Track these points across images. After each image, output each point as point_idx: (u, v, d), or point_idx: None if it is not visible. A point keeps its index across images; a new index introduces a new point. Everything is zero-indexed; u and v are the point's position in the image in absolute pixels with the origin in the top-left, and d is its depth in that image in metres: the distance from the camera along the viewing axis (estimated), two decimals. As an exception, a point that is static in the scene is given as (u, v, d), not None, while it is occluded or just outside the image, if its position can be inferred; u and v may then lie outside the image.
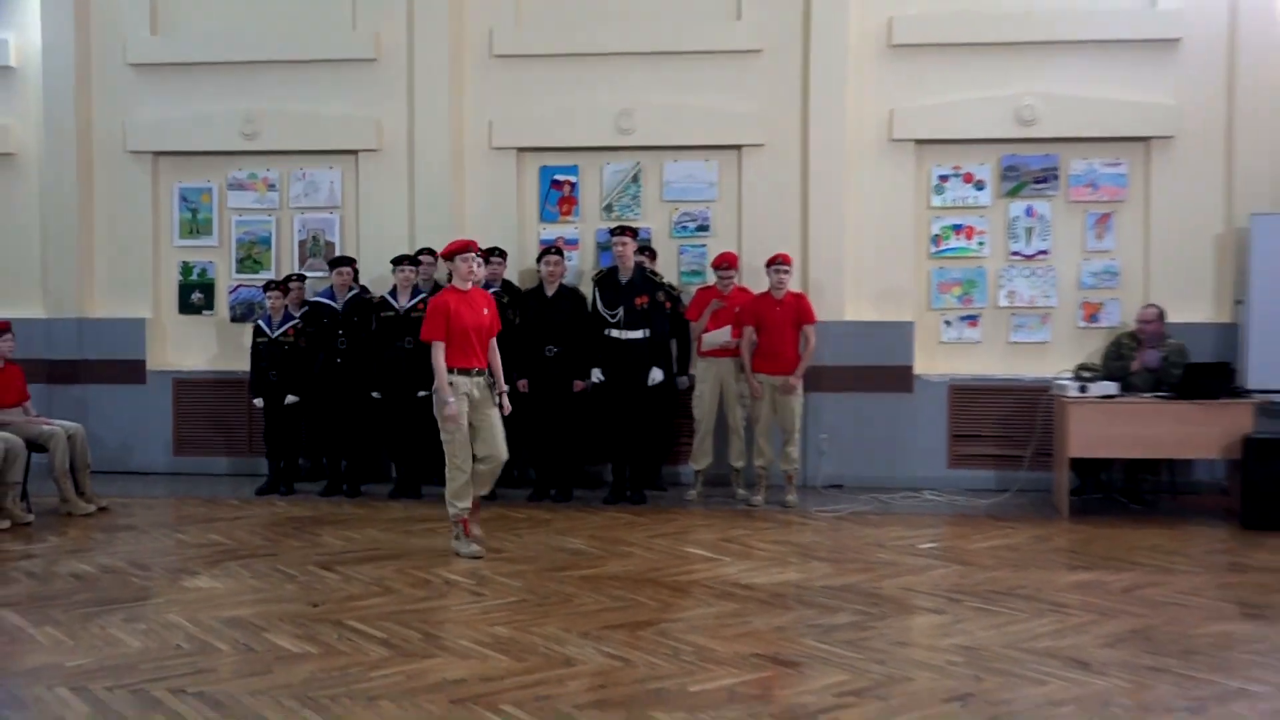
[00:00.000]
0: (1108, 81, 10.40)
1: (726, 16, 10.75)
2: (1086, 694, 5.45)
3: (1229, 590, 7.27)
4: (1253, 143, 10.23)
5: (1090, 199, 10.56)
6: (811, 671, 5.75)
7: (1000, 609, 6.83)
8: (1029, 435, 10.22)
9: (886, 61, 10.61)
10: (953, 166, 10.65)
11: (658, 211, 10.90)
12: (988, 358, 10.66)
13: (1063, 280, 10.58)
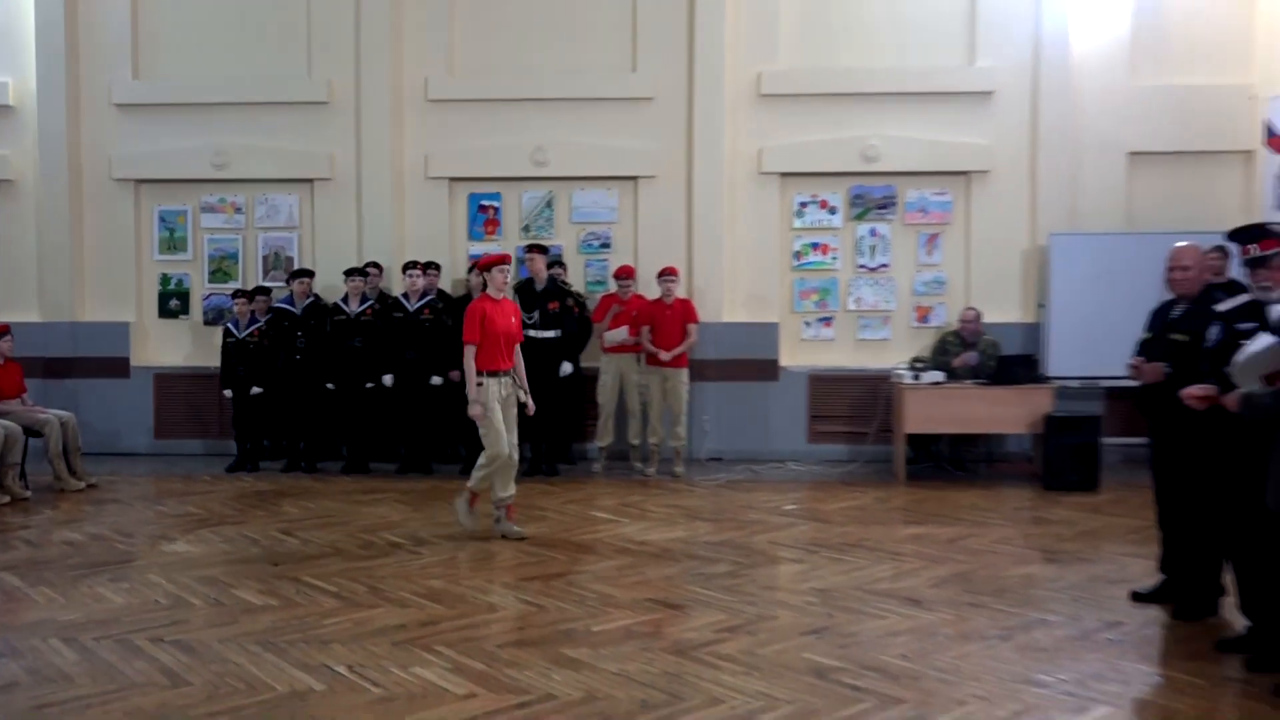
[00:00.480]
0: (936, 126, 10.55)
1: (625, 70, 10.71)
2: (918, 625, 5.53)
3: (1033, 540, 7.42)
4: (1051, 176, 10.44)
5: (922, 222, 10.70)
6: (695, 612, 5.76)
7: (849, 558, 6.90)
8: (873, 415, 10.34)
9: (757, 108, 10.65)
10: (811, 195, 10.72)
11: (568, 231, 10.83)
12: (839, 352, 10.76)
13: (900, 288, 10.71)
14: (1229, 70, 10.44)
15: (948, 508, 8.42)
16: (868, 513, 8.28)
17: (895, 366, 10.13)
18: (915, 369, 9.84)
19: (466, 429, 9.90)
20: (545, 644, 5.24)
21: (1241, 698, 4.54)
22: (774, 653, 5.13)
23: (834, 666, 4.95)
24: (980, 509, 8.38)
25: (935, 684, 4.76)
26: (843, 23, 10.60)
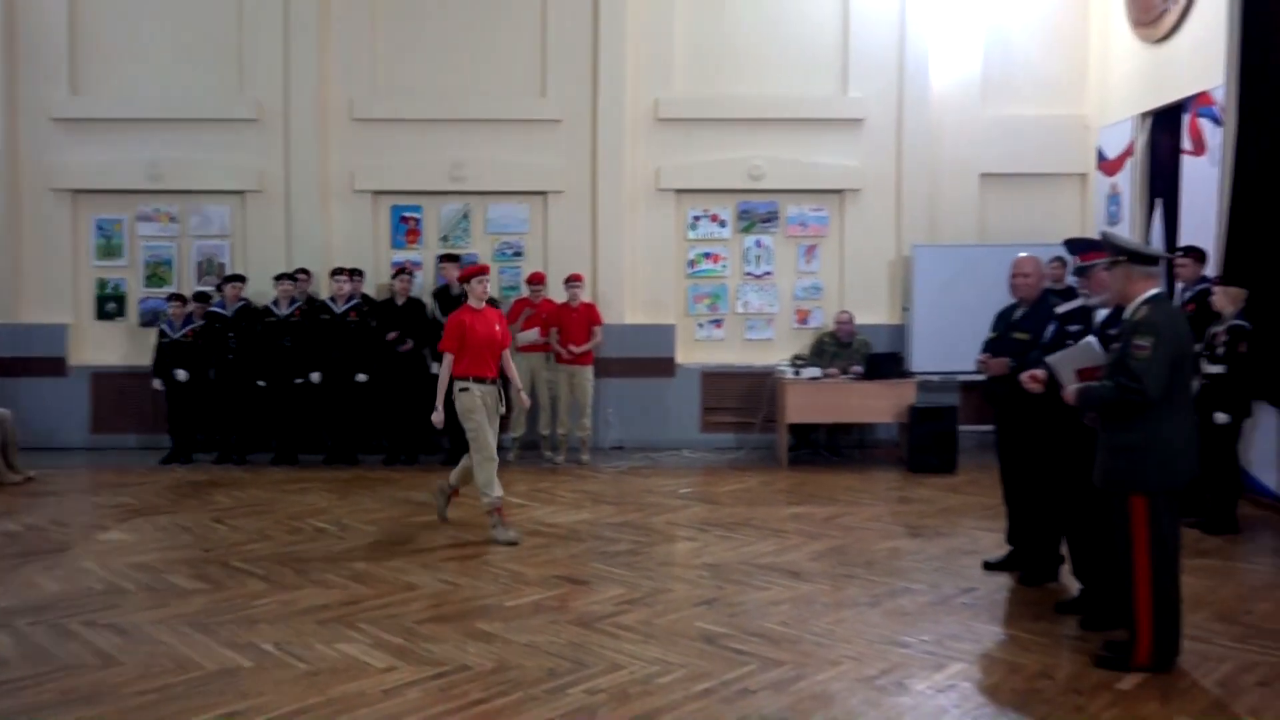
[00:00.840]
0: (813, 148, 10.66)
1: (535, 93, 10.61)
2: (798, 595, 5.58)
3: (899, 517, 7.56)
4: (913, 194, 10.64)
5: (801, 235, 10.81)
6: (598, 587, 5.73)
7: (737, 535, 6.94)
8: (759, 407, 10.42)
9: (655, 130, 10.64)
10: (703, 210, 10.75)
11: (483, 241, 10.69)
12: (729, 351, 10.81)
13: (782, 293, 10.81)
14: (1066, 102, 10.77)
15: (825, 489, 8.52)
16: (754, 495, 8.33)
17: (778, 363, 10.23)
18: (796, 366, 9.95)
19: (391, 422, 9.73)
20: (461, 619, 5.15)
21: (1076, 652, 4.68)
22: (669, 622, 5.12)
23: (722, 633, 4.96)
24: (853, 490, 8.50)
25: (812, 647, 4.80)
26: (731, 55, 10.65)
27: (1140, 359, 4.31)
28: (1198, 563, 6.21)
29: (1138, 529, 4.39)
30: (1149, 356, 4.30)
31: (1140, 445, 4.37)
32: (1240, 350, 6.87)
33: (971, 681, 4.40)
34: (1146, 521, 4.38)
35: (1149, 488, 4.38)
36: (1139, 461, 4.37)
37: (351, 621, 5.12)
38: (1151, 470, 4.37)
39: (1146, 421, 4.36)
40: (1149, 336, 4.32)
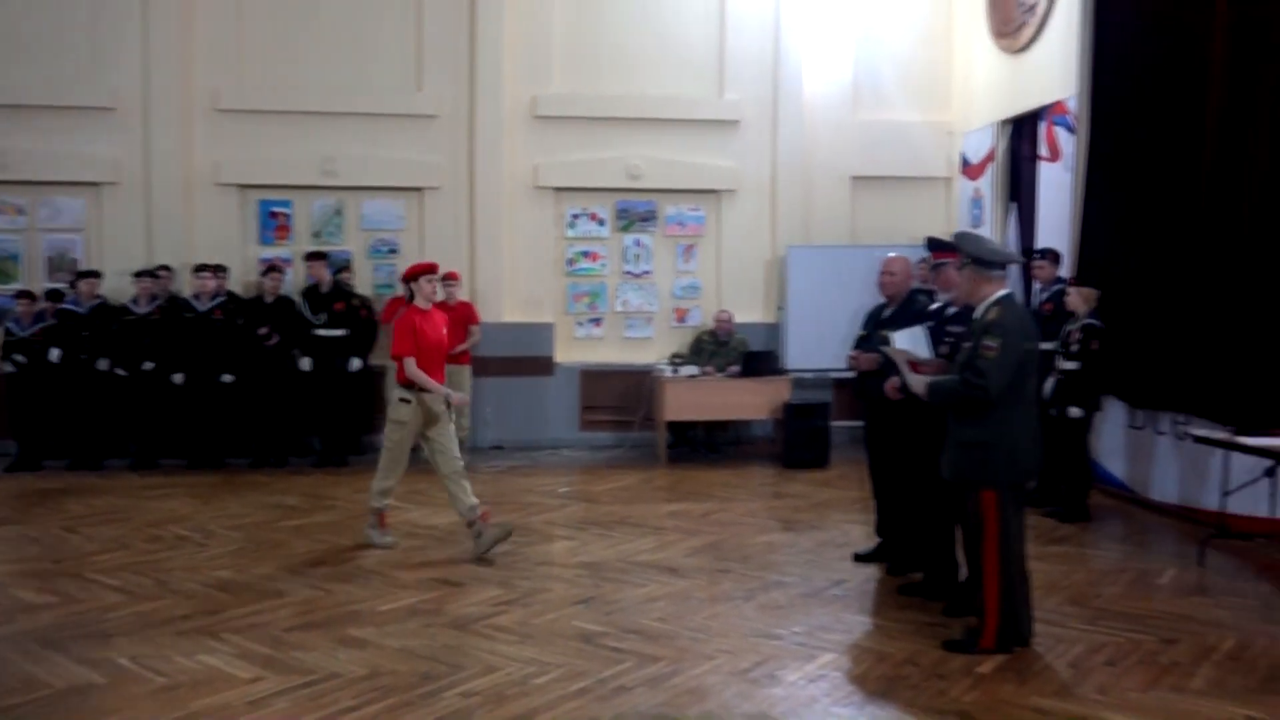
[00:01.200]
0: (691, 149, 10.78)
1: (411, 88, 10.43)
2: (675, 591, 5.64)
3: (773, 512, 7.70)
4: (788, 196, 10.86)
5: (680, 234, 10.92)
6: (475, 589, 5.67)
7: (615, 534, 6.96)
8: (638, 405, 10.48)
9: (533, 128, 10.58)
10: (582, 208, 10.75)
11: (358, 237, 10.45)
12: (608, 349, 10.83)
13: (661, 292, 10.89)
14: (932, 109, 11.17)
15: (702, 486, 8.62)
16: (632, 492, 8.37)
17: (657, 362, 10.32)
18: (674, 364, 10.05)
19: (257, 424, 9.41)
20: (331, 626, 5.03)
21: (939, 637, 4.86)
22: (546, 622, 5.11)
23: (599, 632, 4.97)
24: (730, 486, 8.62)
25: (688, 642, 4.86)
26: (610, 54, 10.68)
27: (988, 358, 4.51)
28: (1052, 550, 6.53)
29: (987, 521, 4.61)
30: (996, 357, 4.51)
31: (988, 442, 4.57)
32: (1093, 348, 7.25)
33: (841, 671, 4.52)
34: (995, 514, 4.60)
35: (996, 482, 4.59)
36: (986, 457, 4.58)
37: (214, 631, 4.94)
38: (998, 466, 4.59)
39: (993, 419, 4.57)
40: (998, 338, 4.54)
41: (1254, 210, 6.68)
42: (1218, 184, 7.03)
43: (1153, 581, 5.87)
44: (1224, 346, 6.89)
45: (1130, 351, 7.74)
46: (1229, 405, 6.78)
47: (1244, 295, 6.76)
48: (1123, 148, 8.09)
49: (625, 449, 10.37)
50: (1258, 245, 6.64)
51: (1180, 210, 7.40)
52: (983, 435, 4.58)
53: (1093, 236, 8.39)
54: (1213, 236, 7.06)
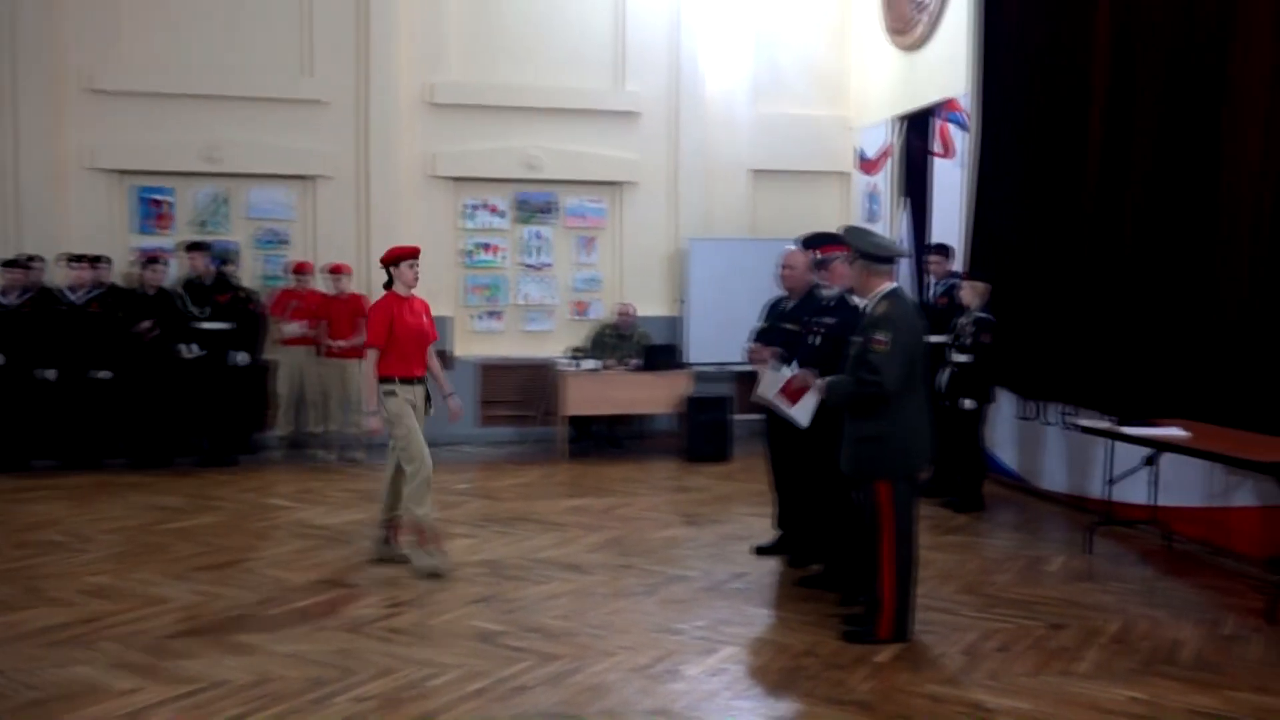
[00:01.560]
0: (591, 140, 10.73)
1: (300, 71, 10.12)
2: (577, 588, 5.61)
3: (675, 506, 7.73)
4: (688, 188, 10.90)
5: (580, 226, 10.87)
6: (369, 590, 5.54)
7: (516, 530, 6.90)
8: (538, 400, 10.41)
9: (429, 116, 10.39)
10: (480, 199, 10.61)
11: (244, 227, 10.10)
12: (508, 342, 10.73)
13: (561, 285, 10.83)
14: (830, 104, 11.34)
15: (604, 481, 8.60)
16: (533, 488, 8.31)
17: (557, 355, 10.25)
18: (575, 357, 10.00)
19: (137, 421, 9.03)
20: (216, 632, 4.85)
21: (838, 628, 4.93)
22: (443, 623, 5.02)
23: (498, 631, 4.91)
24: (632, 481, 8.62)
25: (589, 639, 4.83)
26: (508, 42, 10.55)
27: (879, 353, 4.59)
28: (948, 539, 6.71)
29: (883, 513, 4.70)
30: (887, 351, 4.59)
31: (881, 435, 4.67)
32: (984, 341, 7.45)
33: (741, 664, 4.55)
34: (890, 505, 4.69)
35: (891, 474, 4.68)
36: (881, 450, 4.68)
37: (90, 641, 4.71)
38: (893, 458, 4.68)
39: (886, 412, 4.66)
40: (887, 332, 4.62)
41: (1137, 205, 6.96)
42: (1104, 179, 7.30)
43: (1043, 568, 6.07)
44: (1108, 339, 7.17)
45: (1020, 344, 7.99)
46: (1112, 396, 7.06)
47: (1127, 289, 7.04)
48: (1012, 143, 8.34)
49: (526, 444, 10.29)
50: (1140, 240, 6.92)
51: (1067, 205, 7.67)
52: (877, 429, 4.67)
53: (984, 231, 8.64)
54: (1098, 231, 7.33)
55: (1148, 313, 6.84)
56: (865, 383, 4.60)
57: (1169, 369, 6.62)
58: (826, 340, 5.40)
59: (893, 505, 4.69)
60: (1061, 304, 7.68)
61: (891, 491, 4.69)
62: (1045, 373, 7.84)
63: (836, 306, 5.49)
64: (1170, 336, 6.62)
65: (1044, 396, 7.95)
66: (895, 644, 4.73)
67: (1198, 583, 5.82)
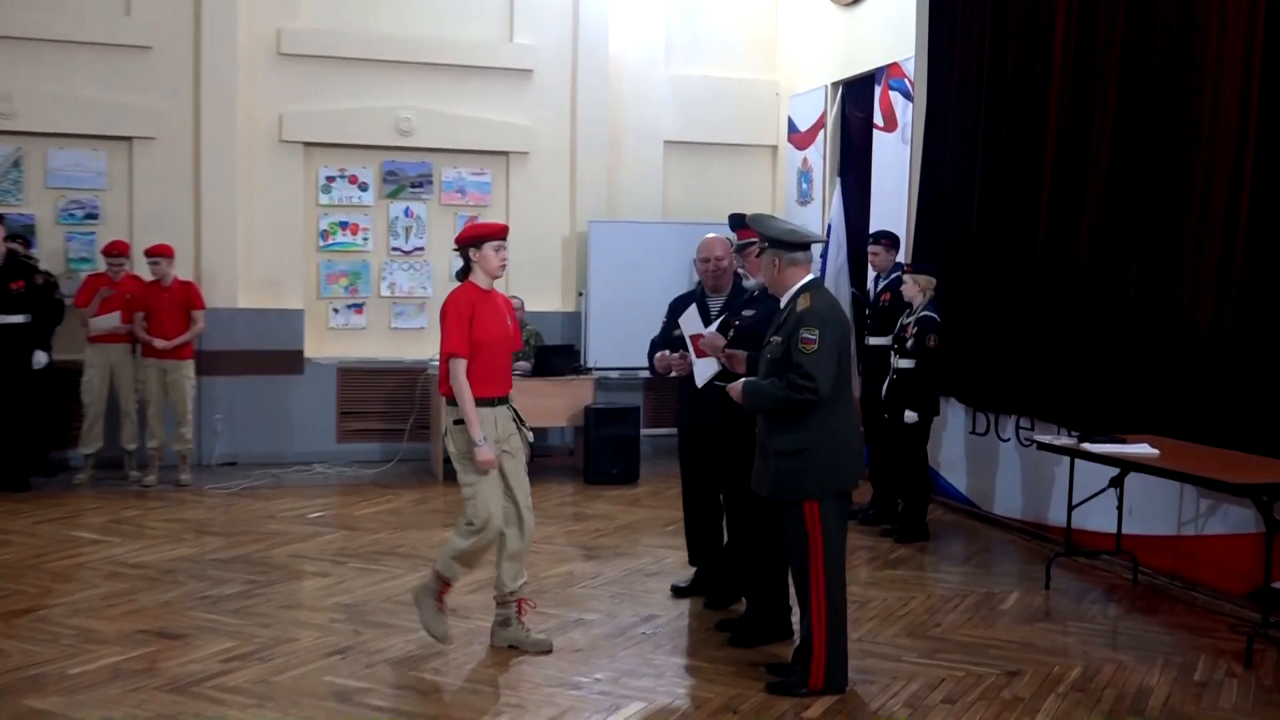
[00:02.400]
0: (474, 101, 10.68)
1: (115, 11, 9.83)
2: (457, 634, 5.54)
3: (573, 537, 7.73)
4: (590, 161, 10.94)
5: (460, 203, 10.81)
6: (199, 642, 5.41)
7: (381, 567, 6.82)
8: (410, 410, 10.31)
9: (276, 67, 10.21)
10: (339, 169, 10.47)
11: (43, 197, 9.77)
12: (372, 342, 10.61)
13: (437, 273, 10.73)
14: (757, 67, 11.51)
15: (487, 507, 8.57)
16: (403, 516, 8.23)
17: (432, 357, 10.14)
18: (453, 360, 9.92)
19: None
20: (6, 695, 4.67)
21: (762, 679, 4.99)
22: (291, 679, 4.93)
23: (359, 688, 4.85)
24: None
25: (468, 696, 4.80)
26: (374, -19, 10.48)
27: (809, 353, 4.66)
28: (888, 574, 6.85)
29: (812, 538, 4.76)
30: (818, 350, 4.65)
31: (807, 448, 4.73)
32: (929, 344, 7.62)
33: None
34: (819, 528, 4.76)
35: (819, 492, 4.76)
36: (806, 466, 4.74)
37: None
38: (819, 473, 4.75)
39: (813, 422, 4.73)
40: (815, 329, 4.68)
41: (1103, 192, 7.20)
42: (1068, 158, 7.53)
43: (996, 607, 6.24)
44: (1069, 343, 7.40)
45: (970, 348, 8.21)
46: (1074, 408, 7.30)
47: (1091, 287, 7.28)
48: (963, 116, 8.57)
49: (394, 464, 10.18)
50: (1106, 231, 7.17)
51: (1025, 189, 7.90)
52: (801, 441, 4.72)
53: (929, 217, 8.86)
54: (1060, 220, 7.57)
55: (1114, 315, 7.09)
56: (798, 388, 4.65)
57: (1137, 378, 6.87)
58: (744, 335, 5.47)
59: (822, 528, 4.75)
60: (1017, 303, 7.90)
61: (820, 512, 4.76)
62: (999, 381, 8.06)
63: (760, 298, 5.56)
64: (1139, 342, 6.88)
65: (997, 408, 8.17)
66: (828, 695, 4.80)
67: (1168, 622, 6.05)
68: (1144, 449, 6.06)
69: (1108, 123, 7.16)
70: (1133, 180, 6.99)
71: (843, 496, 4.86)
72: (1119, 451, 6.10)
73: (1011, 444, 8.05)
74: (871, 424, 8.15)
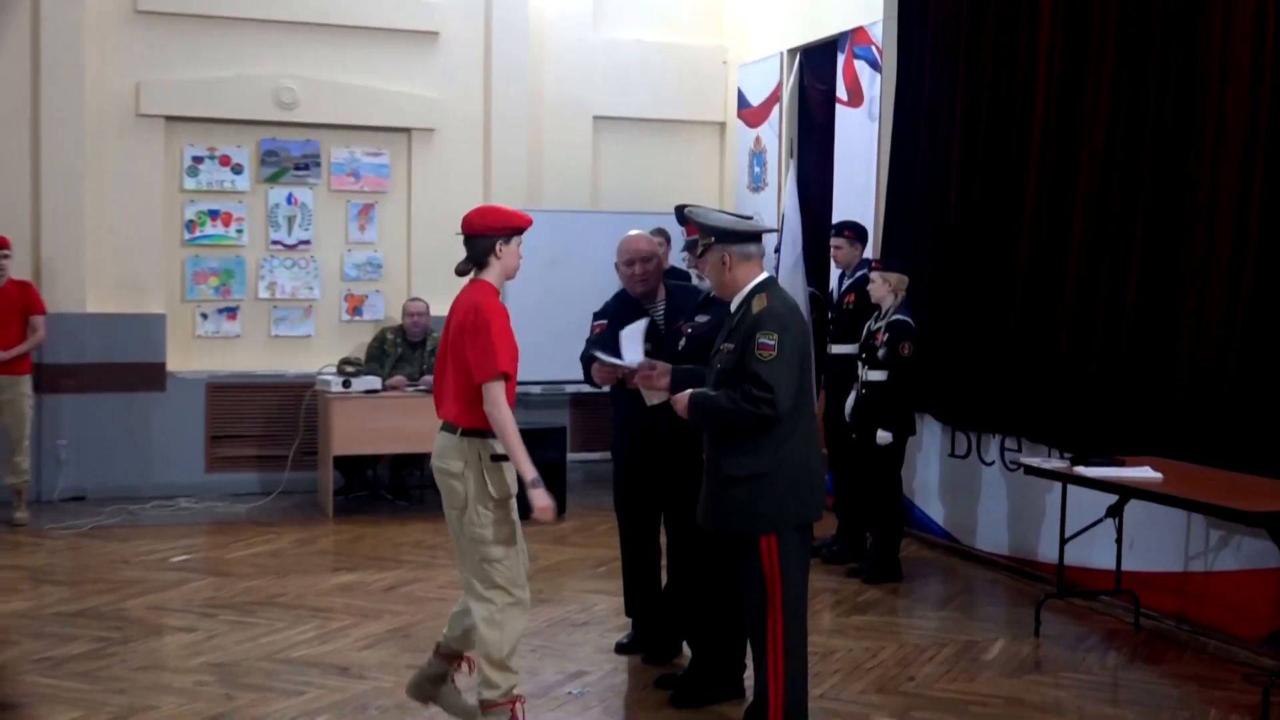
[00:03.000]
0: (369, 69, 10.65)
1: (-62, -42, 9.70)
2: (345, 699, 5.55)
3: (486, 580, 7.71)
4: (507, 139, 10.94)
5: (353, 189, 10.76)
6: (38, 713, 5.32)
7: (258, 619, 6.77)
8: (293, 433, 10.23)
9: (132, 29, 10.10)
10: (208, 148, 10.38)
11: None
12: (249, 352, 10.52)
13: (326, 271, 10.69)
14: (702, 30, 11.60)
15: (387, 547, 8.55)
16: (285, 560, 8.19)
17: (320, 371, 10.10)
18: (346, 374, 9.87)
19: None
20: None
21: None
22: (151, 755, 4.87)
23: (232, 765, 4.80)
24: (427, 547, 8.58)
25: (363, 772, 4.76)
26: (249, -73, 10.42)
27: (767, 361, 4.64)
28: (856, 620, 6.91)
29: (770, 577, 4.75)
30: (777, 358, 4.65)
31: (764, 472, 4.72)
32: (903, 353, 7.68)
33: (579, 799, 4.57)
34: (778, 566, 4.75)
35: (778, 524, 4.76)
36: (763, 493, 4.73)
37: None
38: (780, 502, 4.75)
39: (771, 442, 4.72)
40: (774, 333, 4.68)
41: (1100, 177, 7.31)
42: (1055, 139, 7.65)
43: (979, 657, 6.32)
44: (1062, 352, 7.51)
45: (948, 356, 8.30)
46: (1067, 426, 7.40)
47: (1085, 286, 7.39)
48: (938, 89, 8.68)
49: (275, 497, 10.10)
50: (1102, 222, 7.28)
51: (1008, 174, 8.02)
52: (758, 465, 4.72)
53: (901, 205, 8.96)
54: (1049, 207, 7.68)
55: (1111, 319, 7.20)
56: (755, 400, 4.63)
57: (1137, 392, 6.98)
58: (697, 345, 5.44)
59: (781, 567, 4.75)
60: (1002, 304, 8.01)
61: (779, 548, 4.76)
62: (980, 396, 8.15)
63: (715, 300, 5.55)
64: (1140, 350, 6.99)
65: (979, 427, 8.28)
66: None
67: (1174, 671, 6.16)
68: (1146, 472, 6.16)
69: (1103, 97, 7.28)
70: (1133, 162, 7.10)
71: (805, 529, 4.86)
72: (1117, 476, 6.20)
73: (996, 468, 8.16)
74: (835, 445, 8.22)
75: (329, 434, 9.53)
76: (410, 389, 9.77)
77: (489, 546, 4.88)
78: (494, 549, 4.88)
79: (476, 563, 4.92)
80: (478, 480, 4.94)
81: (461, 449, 4.96)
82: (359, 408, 9.53)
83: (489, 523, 4.90)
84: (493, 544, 4.89)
